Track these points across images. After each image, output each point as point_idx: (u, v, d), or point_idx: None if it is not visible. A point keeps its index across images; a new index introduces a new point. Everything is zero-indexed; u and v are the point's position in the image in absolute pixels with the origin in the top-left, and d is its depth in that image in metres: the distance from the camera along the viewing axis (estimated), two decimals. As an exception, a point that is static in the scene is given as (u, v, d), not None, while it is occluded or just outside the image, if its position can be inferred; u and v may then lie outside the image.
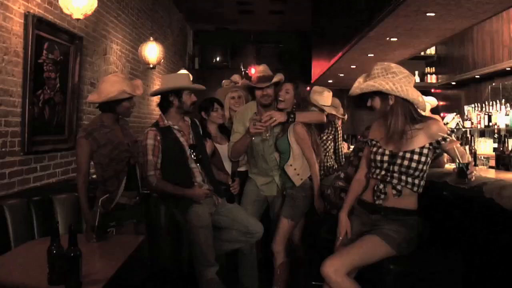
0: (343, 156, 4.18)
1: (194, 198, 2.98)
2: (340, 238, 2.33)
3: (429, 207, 2.40)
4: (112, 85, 2.85)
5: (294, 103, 3.23)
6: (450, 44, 7.44)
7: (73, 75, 3.96)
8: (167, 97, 3.08)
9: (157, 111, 3.28)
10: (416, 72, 8.00)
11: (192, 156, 3.07)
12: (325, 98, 3.81)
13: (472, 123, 6.30)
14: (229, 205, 3.19)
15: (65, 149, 3.87)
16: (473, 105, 6.47)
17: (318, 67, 8.65)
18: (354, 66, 6.67)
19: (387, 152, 2.27)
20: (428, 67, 8.38)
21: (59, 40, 3.69)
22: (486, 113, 5.92)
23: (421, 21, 3.77)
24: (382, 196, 2.25)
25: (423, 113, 2.36)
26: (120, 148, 2.90)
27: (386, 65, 2.27)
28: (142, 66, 6.08)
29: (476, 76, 6.60)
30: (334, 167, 4.06)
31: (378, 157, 2.29)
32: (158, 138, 3.02)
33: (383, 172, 2.27)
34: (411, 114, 2.23)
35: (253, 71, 7.64)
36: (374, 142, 2.36)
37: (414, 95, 2.21)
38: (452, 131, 3.74)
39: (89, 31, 4.37)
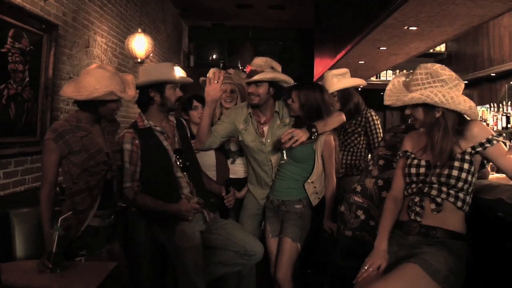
0: None
1: (180, 215, 2.51)
2: (370, 269, 1.88)
3: (475, 232, 1.94)
4: (98, 81, 2.27)
5: (314, 105, 2.67)
6: (462, 40, 7.07)
7: (46, 68, 3.47)
8: (147, 92, 2.60)
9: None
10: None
11: (178, 163, 2.60)
12: (350, 79, 3.38)
13: (487, 125, 5.91)
14: (222, 221, 2.73)
15: (37, 152, 3.38)
16: (487, 106, 6.09)
17: (320, 65, 8.23)
18: (362, 62, 6.27)
19: (422, 162, 1.93)
20: (438, 65, 8.01)
21: (29, 27, 3.20)
22: (504, 114, 5.55)
23: (449, 4, 3.35)
24: (418, 209, 1.89)
25: None
26: (96, 159, 2.35)
27: (431, 69, 1.88)
28: (132, 61, 5.60)
29: (492, 74, 6.22)
30: (360, 167, 3.35)
31: (413, 170, 1.95)
32: (136, 142, 2.55)
33: (420, 185, 1.92)
34: (457, 126, 1.90)
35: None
36: (408, 154, 2.02)
37: (466, 106, 1.85)
38: (499, 134, 3.26)
39: (67, 20, 3.89)
